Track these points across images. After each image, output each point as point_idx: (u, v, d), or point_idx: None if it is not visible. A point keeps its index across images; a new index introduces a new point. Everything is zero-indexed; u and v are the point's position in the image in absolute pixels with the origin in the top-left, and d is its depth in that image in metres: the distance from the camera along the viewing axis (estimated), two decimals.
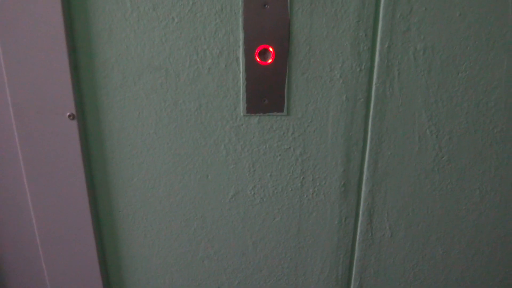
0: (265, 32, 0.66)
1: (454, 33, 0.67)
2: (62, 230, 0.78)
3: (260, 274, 0.84)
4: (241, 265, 0.83)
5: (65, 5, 0.63)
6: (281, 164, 0.75)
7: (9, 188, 0.77)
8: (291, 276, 0.84)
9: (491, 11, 0.66)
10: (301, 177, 0.76)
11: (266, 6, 0.65)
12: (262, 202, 0.78)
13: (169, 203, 0.78)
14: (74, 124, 0.70)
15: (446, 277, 0.85)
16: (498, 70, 0.69)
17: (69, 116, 0.69)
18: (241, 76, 0.69)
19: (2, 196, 0.78)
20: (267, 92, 0.69)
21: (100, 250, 0.80)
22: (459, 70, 0.69)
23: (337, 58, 0.68)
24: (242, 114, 0.71)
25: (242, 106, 0.70)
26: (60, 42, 0.65)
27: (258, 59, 0.68)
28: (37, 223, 0.77)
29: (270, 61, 0.68)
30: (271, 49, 0.67)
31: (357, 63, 0.68)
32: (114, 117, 0.71)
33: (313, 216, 0.79)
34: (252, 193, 0.77)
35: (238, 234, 0.80)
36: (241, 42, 0.67)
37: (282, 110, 0.71)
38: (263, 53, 0.68)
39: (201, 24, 0.66)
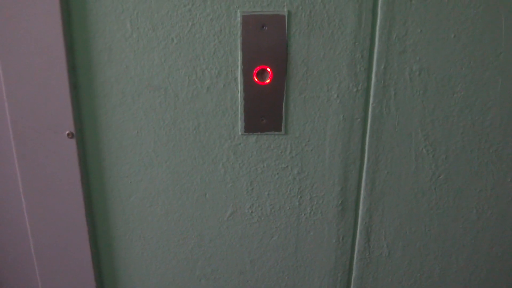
0: (263, 53, 0.67)
1: (449, 54, 0.68)
2: (59, 248, 0.77)
3: None
4: (239, 284, 0.83)
5: (65, 24, 0.64)
6: (278, 183, 0.75)
7: (7, 206, 0.77)
8: None
9: (485, 32, 0.67)
10: (299, 196, 0.76)
11: (264, 27, 0.66)
12: (260, 220, 0.78)
13: (167, 221, 0.77)
14: (72, 142, 0.70)
15: None
16: (493, 90, 0.70)
17: (68, 134, 0.69)
18: (240, 95, 0.69)
19: None
20: (265, 111, 0.70)
21: (96, 268, 0.80)
22: (454, 90, 0.70)
23: (334, 79, 0.69)
24: (240, 133, 0.71)
25: (240, 125, 0.71)
26: (60, 61, 0.66)
27: (256, 79, 0.68)
28: (33, 240, 0.77)
29: (268, 81, 0.68)
30: (269, 70, 0.68)
31: (354, 83, 0.69)
32: (112, 135, 0.71)
33: (310, 235, 0.79)
34: (250, 211, 0.77)
35: (236, 252, 0.80)
36: (239, 63, 0.68)
37: (280, 130, 0.71)
38: (261, 74, 0.68)
39: (200, 44, 0.67)
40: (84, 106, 0.70)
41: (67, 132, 0.69)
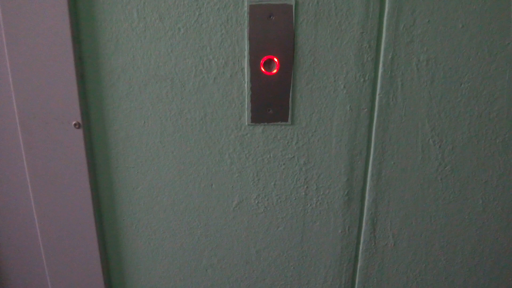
0: (270, 43, 0.67)
1: (456, 45, 0.68)
2: (66, 238, 0.78)
3: (263, 283, 0.84)
4: (245, 274, 0.83)
5: (72, 15, 0.64)
6: (285, 173, 0.75)
7: (14, 196, 0.77)
8: (294, 285, 0.84)
9: (493, 23, 0.67)
10: (305, 186, 0.76)
11: (272, 17, 0.65)
12: (266, 211, 0.78)
13: (173, 211, 0.78)
14: (79, 132, 0.70)
15: (449, 286, 0.85)
16: (500, 81, 0.70)
17: (75, 124, 0.69)
18: (246, 86, 0.69)
19: (7, 204, 0.78)
20: (271, 101, 0.70)
21: (103, 258, 0.80)
22: (461, 81, 0.70)
23: (341, 69, 0.69)
24: (246, 123, 0.71)
25: (247, 115, 0.71)
26: (67, 51, 0.66)
27: (263, 69, 0.68)
28: (41, 231, 0.77)
29: (275, 71, 0.68)
30: (276, 60, 0.68)
31: (361, 73, 0.69)
32: (119, 126, 0.72)
33: (316, 225, 0.79)
34: (256, 202, 0.77)
35: (242, 242, 0.80)
36: (246, 53, 0.67)
37: (286, 120, 0.71)
38: (268, 64, 0.68)
39: (207, 34, 0.66)
40: (91, 96, 0.70)
41: (74, 122, 0.69)
